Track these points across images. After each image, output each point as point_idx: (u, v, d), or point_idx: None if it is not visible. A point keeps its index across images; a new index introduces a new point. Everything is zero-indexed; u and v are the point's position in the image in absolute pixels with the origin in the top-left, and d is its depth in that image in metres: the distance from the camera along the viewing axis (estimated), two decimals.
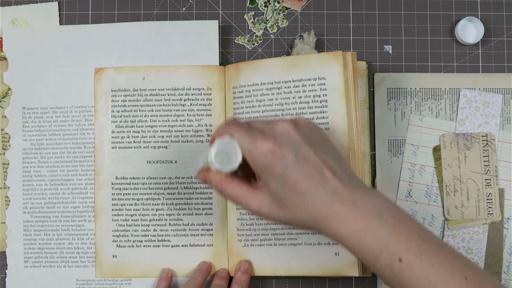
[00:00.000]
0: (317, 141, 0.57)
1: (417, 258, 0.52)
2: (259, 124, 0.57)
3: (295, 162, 0.54)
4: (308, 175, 0.54)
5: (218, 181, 0.58)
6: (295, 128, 0.56)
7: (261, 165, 0.55)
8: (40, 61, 0.78)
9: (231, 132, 0.56)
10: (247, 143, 0.55)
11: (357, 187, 0.55)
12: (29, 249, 0.76)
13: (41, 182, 0.76)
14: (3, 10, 0.79)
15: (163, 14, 0.80)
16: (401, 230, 0.53)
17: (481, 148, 0.76)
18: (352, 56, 0.73)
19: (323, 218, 0.54)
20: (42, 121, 0.77)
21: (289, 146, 0.54)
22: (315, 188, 0.54)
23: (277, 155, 0.54)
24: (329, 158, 0.56)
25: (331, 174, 0.55)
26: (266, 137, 0.54)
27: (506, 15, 0.80)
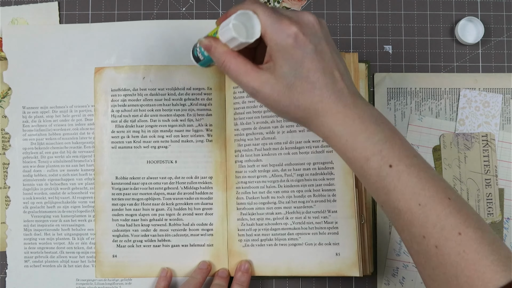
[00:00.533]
0: (332, 44, 0.58)
1: (407, 168, 0.54)
2: (287, 12, 0.57)
3: (313, 53, 0.55)
4: (321, 68, 0.55)
5: (223, 52, 0.56)
6: (319, 23, 0.56)
7: (282, 45, 0.54)
8: (40, 61, 0.77)
9: (255, 8, 0.55)
10: (271, 21, 0.54)
11: (357, 96, 0.57)
12: (30, 249, 0.76)
13: (42, 182, 0.76)
14: (3, 10, 0.79)
15: (163, 14, 0.80)
16: (395, 141, 0.55)
17: (481, 148, 0.76)
18: (353, 57, 0.73)
19: (322, 113, 0.55)
20: (42, 121, 0.77)
21: (312, 36, 0.55)
22: (325, 83, 0.55)
23: (300, 40, 0.54)
24: (340, 61, 0.57)
25: (340, 77, 0.56)
26: (293, 21, 0.54)
27: (506, 15, 0.80)
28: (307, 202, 0.73)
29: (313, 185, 0.73)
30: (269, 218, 0.74)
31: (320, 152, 0.73)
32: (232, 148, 0.75)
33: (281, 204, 0.73)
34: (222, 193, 0.75)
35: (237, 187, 0.75)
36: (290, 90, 0.55)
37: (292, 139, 0.73)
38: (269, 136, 0.74)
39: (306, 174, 0.73)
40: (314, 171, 0.73)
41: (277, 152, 0.74)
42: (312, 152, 0.73)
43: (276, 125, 0.74)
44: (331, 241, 0.72)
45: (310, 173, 0.73)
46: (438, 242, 0.52)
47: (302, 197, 0.73)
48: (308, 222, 0.73)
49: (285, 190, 0.73)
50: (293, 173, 0.73)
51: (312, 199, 0.73)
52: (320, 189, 0.73)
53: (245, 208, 0.74)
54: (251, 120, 0.75)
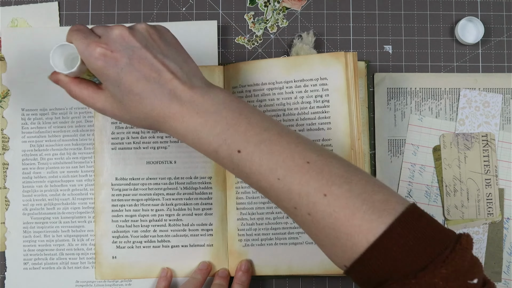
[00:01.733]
0: (158, 45, 0.57)
1: (256, 148, 0.53)
2: (100, 29, 0.58)
3: (128, 65, 0.55)
4: (143, 77, 0.55)
5: (66, 82, 0.60)
6: (131, 33, 0.56)
7: (96, 69, 0.56)
8: (39, 63, 0.77)
9: (71, 37, 0.57)
10: (82, 47, 0.56)
11: (198, 88, 0.56)
12: (29, 251, 0.76)
13: (41, 184, 0.76)
14: (3, 10, 0.79)
15: (163, 14, 0.80)
16: (240, 123, 0.54)
17: (481, 148, 0.76)
18: (353, 56, 0.73)
19: (162, 119, 0.56)
20: (41, 123, 0.77)
21: (123, 50, 0.55)
22: (151, 89, 0.55)
23: (109, 59, 0.55)
24: (170, 61, 0.57)
25: (171, 76, 0.55)
26: (100, 42, 0.55)
27: (506, 15, 0.80)
28: None
29: None
30: (269, 217, 0.74)
31: None
32: None
33: None
34: (222, 193, 0.75)
35: (237, 187, 0.74)
36: (124, 106, 0.57)
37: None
38: None
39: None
40: None
41: None
42: None
43: None
44: None
45: None
46: (309, 210, 0.52)
47: None
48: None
49: None
50: None
51: None
52: None
53: (245, 207, 0.74)
54: None
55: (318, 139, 0.73)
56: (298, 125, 0.73)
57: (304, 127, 0.73)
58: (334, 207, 0.50)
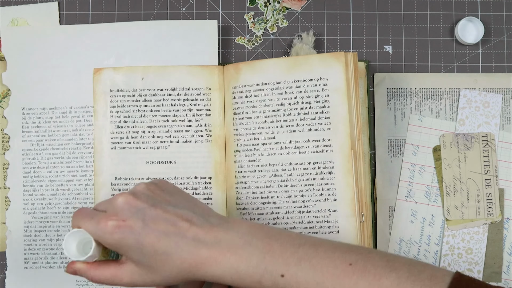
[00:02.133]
0: (164, 199, 0.58)
1: (297, 267, 0.53)
2: (103, 205, 0.58)
3: (144, 228, 0.54)
4: (163, 234, 0.55)
5: (85, 270, 0.59)
6: (135, 196, 0.56)
7: (114, 243, 0.55)
8: (39, 62, 0.77)
9: (78, 222, 0.57)
10: (92, 227, 0.56)
11: (217, 226, 0.56)
12: (29, 250, 0.76)
13: (42, 183, 0.76)
14: (3, 10, 0.79)
15: (163, 14, 0.80)
16: (273, 248, 0.54)
17: (481, 148, 0.76)
18: (353, 57, 0.73)
19: (194, 268, 0.55)
20: (41, 122, 0.77)
21: (133, 215, 0.55)
22: (175, 243, 0.55)
23: (124, 228, 0.54)
24: (181, 209, 0.57)
25: (187, 224, 0.55)
26: (109, 216, 0.55)
27: (506, 15, 0.80)
28: (307, 202, 0.73)
29: (313, 185, 0.73)
30: (269, 218, 0.74)
31: (320, 152, 0.73)
32: (232, 148, 0.75)
33: (281, 204, 0.73)
34: (222, 193, 0.75)
35: (237, 187, 0.75)
36: (154, 269, 0.56)
37: (291, 138, 0.73)
38: (269, 136, 0.74)
39: (306, 173, 0.73)
40: (314, 171, 0.73)
41: (276, 152, 0.74)
42: (312, 152, 0.73)
43: (276, 125, 0.74)
44: None
45: (310, 172, 0.73)
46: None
47: (302, 196, 0.73)
48: (309, 221, 0.73)
49: (285, 189, 0.73)
50: (293, 173, 0.73)
51: (312, 198, 0.73)
52: (320, 189, 0.72)
53: (245, 208, 0.74)
54: (250, 120, 0.74)
55: (318, 139, 0.73)
56: (298, 125, 0.73)
57: (304, 128, 0.73)
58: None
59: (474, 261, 0.75)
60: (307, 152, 0.73)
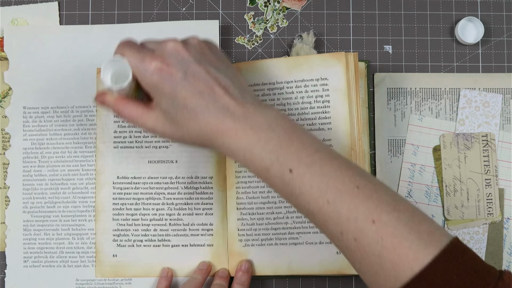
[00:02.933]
0: (210, 59, 0.58)
1: (308, 169, 0.53)
2: (152, 44, 0.58)
3: (183, 80, 0.55)
4: (198, 92, 0.55)
5: (113, 103, 0.59)
6: (185, 47, 0.56)
7: (150, 84, 0.56)
8: (41, 61, 0.78)
9: (122, 51, 0.57)
10: (136, 62, 0.56)
11: (250, 103, 0.56)
12: (29, 249, 0.76)
13: (42, 182, 0.76)
14: (3, 10, 0.79)
15: (163, 14, 0.80)
16: (292, 142, 0.54)
17: (481, 148, 0.76)
18: (354, 57, 0.73)
19: (214, 134, 0.55)
20: (42, 121, 0.77)
21: (178, 64, 0.55)
22: (205, 104, 0.55)
23: (165, 74, 0.55)
24: (222, 75, 0.57)
25: (223, 91, 0.55)
26: (155, 56, 0.55)
27: (506, 15, 0.80)
28: None
29: None
30: (269, 217, 0.74)
31: None
32: None
33: (281, 204, 0.73)
34: (222, 193, 0.75)
35: (237, 187, 0.75)
36: (177, 123, 0.56)
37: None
38: None
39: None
40: None
41: None
42: None
43: None
44: None
45: None
46: (356, 235, 0.51)
47: None
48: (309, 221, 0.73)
49: None
50: None
51: None
52: None
53: (245, 208, 0.74)
54: None
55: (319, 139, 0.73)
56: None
57: (305, 127, 0.73)
58: (381, 234, 0.50)
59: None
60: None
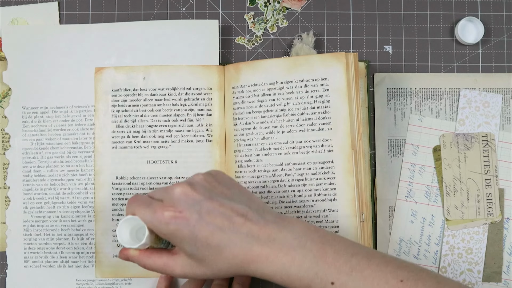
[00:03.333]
0: (221, 191, 0.58)
1: (348, 277, 0.53)
2: (159, 193, 0.58)
3: (199, 221, 0.55)
4: (217, 228, 0.55)
5: (138, 257, 0.60)
6: (192, 188, 0.56)
7: (168, 234, 0.56)
8: (40, 61, 0.77)
9: (133, 210, 0.57)
10: (148, 216, 0.56)
11: (272, 223, 0.56)
12: (29, 249, 0.76)
13: (41, 182, 0.76)
14: (3, 10, 0.79)
15: (163, 14, 0.80)
16: (326, 253, 0.54)
17: (481, 148, 0.76)
18: (354, 57, 0.73)
19: (246, 264, 0.55)
20: (42, 121, 0.77)
21: (190, 207, 0.55)
22: (228, 238, 0.55)
23: (180, 220, 0.55)
24: (237, 203, 0.57)
25: (242, 219, 0.55)
26: (165, 206, 0.56)
27: (506, 15, 0.80)
28: (307, 202, 0.73)
29: (313, 185, 0.73)
30: None
31: (321, 152, 0.73)
32: (232, 148, 0.75)
33: (282, 204, 0.73)
34: None
35: None
36: (205, 262, 0.56)
37: (292, 138, 0.73)
38: (269, 136, 0.74)
39: (306, 173, 0.73)
40: (314, 171, 0.73)
41: (277, 152, 0.74)
42: (313, 152, 0.73)
43: (276, 125, 0.74)
44: None
45: (311, 172, 0.73)
46: None
47: (302, 196, 0.73)
48: (309, 221, 0.73)
49: (286, 189, 0.73)
50: (293, 173, 0.73)
51: (312, 198, 0.73)
52: (320, 188, 0.73)
53: None
54: (250, 120, 0.75)
55: (319, 139, 0.73)
56: (299, 125, 0.73)
57: (305, 128, 0.73)
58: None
59: (474, 261, 0.75)
60: (308, 152, 0.73)
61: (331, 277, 0.53)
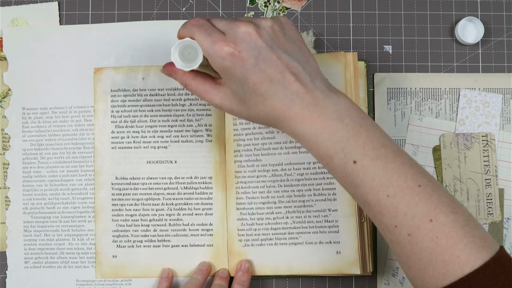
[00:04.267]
0: (282, 44, 0.57)
1: (372, 162, 0.54)
2: (222, 24, 0.57)
3: (254, 66, 0.55)
4: (268, 78, 0.55)
5: (182, 75, 0.60)
6: (257, 31, 0.56)
7: (221, 67, 0.56)
8: (40, 61, 0.77)
9: (193, 33, 0.57)
10: (207, 45, 0.56)
11: (320, 90, 0.56)
12: (30, 250, 0.76)
13: (41, 183, 0.76)
14: (3, 10, 0.79)
15: (163, 14, 0.80)
16: (360, 134, 0.55)
17: (481, 148, 0.76)
18: (353, 56, 0.73)
19: (282, 119, 0.56)
20: (41, 122, 0.77)
21: (250, 50, 0.55)
22: (275, 91, 0.55)
23: (236, 59, 0.55)
24: (293, 61, 0.56)
25: (293, 77, 0.55)
26: (226, 40, 0.55)
27: (506, 15, 0.80)
28: (307, 201, 0.73)
29: (313, 184, 0.73)
30: (269, 217, 0.74)
31: None
32: (232, 148, 0.75)
33: (281, 204, 0.73)
34: (222, 193, 0.75)
35: (237, 187, 0.75)
36: (245, 104, 0.57)
37: (291, 138, 0.73)
38: (269, 136, 0.74)
39: (306, 173, 0.73)
40: (314, 170, 0.73)
41: (276, 151, 0.74)
42: None
43: None
44: (332, 240, 0.72)
45: (310, 172, 0.73)
46: (410, 231, 0.53)
47: (302, 196, 0.73)
48: (309, 221, 0.73)
49: (285, 189, 0.73)
50: (293, 173, 0.73)
51: (312, 198, 0.73)
52: (320, 188, 0.72)
53: (245, 208, 0.74)
54: None
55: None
56: None
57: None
58: (437, 233, 0.52)
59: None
60: (307, 152, 0.73)
61: (355, 157, 0.54)
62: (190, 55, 0.59)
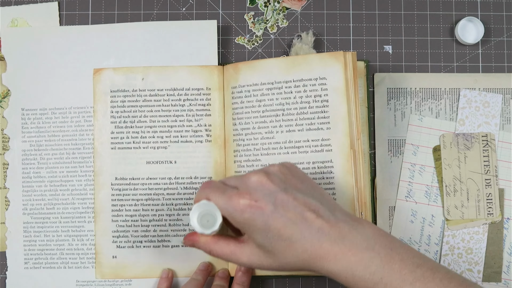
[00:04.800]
0: (295, 185, 0.58)
1: (412, 286, 0.53)
2: (233, 181, 0.58)
3: (274, 212, 0.55)
4: (290, 221, 0.55)
5: (204, 243, 0.60)
6: (268, 178, 0.56)
7: (241, 221, 0.56)
8: (39, 62, 0.77)
9: (207, 195, 0.57)
10: (223, 203, 0.56)
11: (343, 222, 0.56)
12: (29, 250, 0.76)
13: (41, 183, 0.76)
14: (3, 10, 0.79)
15: (163, 14, 0.80)
16: (393, 260, 0.54)
17: (481, 148, 0.76)
18: (352, 56, 0.73)
19: (313, 260, 0.55)
20: (41, 122, 0.77)
21: (265, 197, 0.55)
22: (300, 232, 0.55)
23: (255, 209, 0.54)
24: (309, 198, 0.56)
25: (314, 215, 0.55)
26: (241, 193, 0.55)
27: (506, 15, 0.80)
28: None
29: None
30: None
31: (320, 151, 0.73)
32: (231, 148, 0.75)
33: None
34: None
35: None
36: (273, 254, 0.56)
37: (291, 138, 0.73)
38: (268, 136, 0.74)
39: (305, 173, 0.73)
40: (313, 170, 0.73)
41: (276, 151, 0.74)
42: (312, 151, 0.73)
43: (275, 124, 0.74)
44: None
45: (310, 172, 0.73)
46: None
47: None
48: None
49: None
50: None
51: None
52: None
53: None
54: (249, 120, 0.75)
55: (318, 139, 0.73)
56: (297, 125, 0.73)
57: (303, 127, 0.73)
58: None
59: (474, 261, 0.75)
60: (307, 151, 0.73)
61: (395, 285, 0.53)
62: (209, 222, 0.58)
